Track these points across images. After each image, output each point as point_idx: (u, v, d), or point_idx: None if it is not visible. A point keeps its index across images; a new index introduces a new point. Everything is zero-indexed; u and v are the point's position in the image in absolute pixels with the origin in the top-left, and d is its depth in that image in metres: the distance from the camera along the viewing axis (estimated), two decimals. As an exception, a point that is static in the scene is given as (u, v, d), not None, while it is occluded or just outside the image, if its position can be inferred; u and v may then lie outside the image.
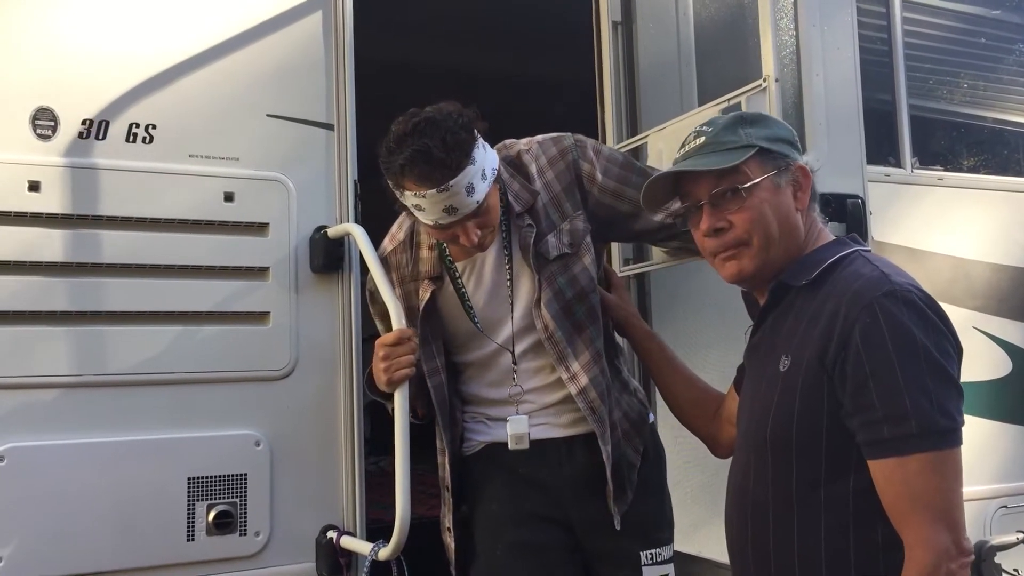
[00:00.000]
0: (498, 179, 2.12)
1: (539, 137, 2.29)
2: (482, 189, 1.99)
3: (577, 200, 2.19)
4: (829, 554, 1.62)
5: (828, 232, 1.85)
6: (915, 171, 3.58)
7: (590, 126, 3.51)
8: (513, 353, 2.19)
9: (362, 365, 2.66)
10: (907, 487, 1.53)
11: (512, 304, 2.18)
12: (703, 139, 1.83)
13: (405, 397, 2.17)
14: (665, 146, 2.92)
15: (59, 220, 2.39)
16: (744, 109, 2.63)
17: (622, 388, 2.30)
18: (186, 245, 2.52)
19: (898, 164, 3.55)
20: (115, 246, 2.44)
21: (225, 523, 2.45)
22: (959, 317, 3.36)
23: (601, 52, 3.48)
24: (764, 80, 2.60)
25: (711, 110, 2.76)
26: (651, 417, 2.36)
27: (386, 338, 2.16)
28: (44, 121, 2.40)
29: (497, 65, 5.04)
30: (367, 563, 2.30)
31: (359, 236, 2.50)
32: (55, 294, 2.37)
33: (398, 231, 2.31)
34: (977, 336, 3.56)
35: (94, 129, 2.45)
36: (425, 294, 2.20)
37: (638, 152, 3.39)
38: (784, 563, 1.67)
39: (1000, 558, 3.27)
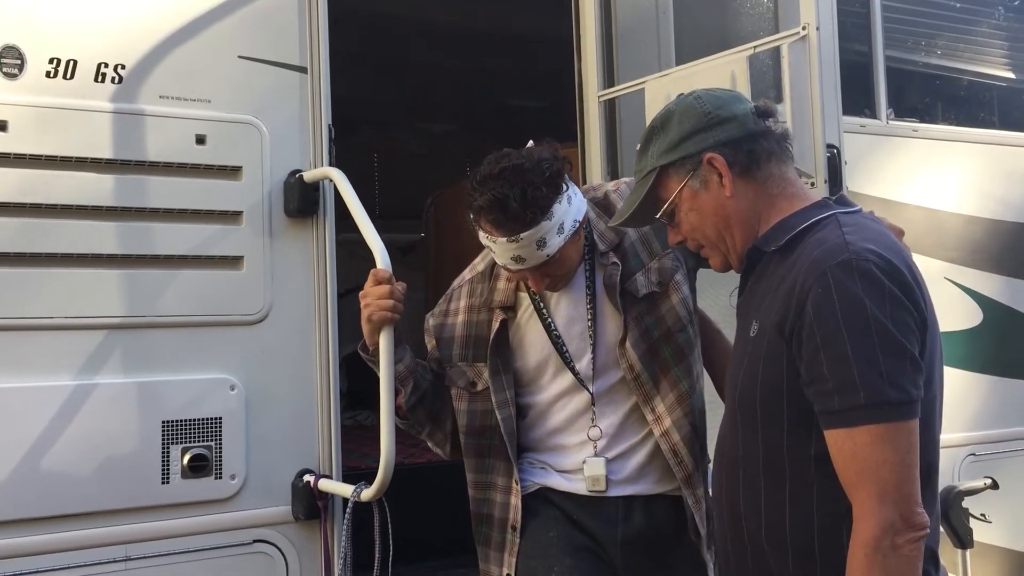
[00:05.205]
0: (584, 224, 2.09)
1: (626, 179, 2.28)
2: (555, 243, 1.98)
3: (667, 238, 2.11)
4: (793, 518, 1.63)
5: (808, 194, 1.80)
6: (890, 122, 3.60)
7: (567, 79, 3.49)
8: (592, 392, 2.12)
9: (337, 311, 2.66)
10: (855, 459, 1.51)
11: (594, 343, 2.11)
12: (635, 166, 1.87)
13: (390, 340, 2.12)
14: (675, 89, 2.84)
15: (27, 160, 2.34)
16: (785, 57, 2.59)
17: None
18: (157, 188, 2.48)
19: (874, 115, 3.56)
20: (84, 188, 2.40)
21: (200, 466, 2.44)
22: (932, 268, 3.40)
23: (580, 4, 3.45)
24: (804, 28, 2.57)
25: (735, 55, 2.73)
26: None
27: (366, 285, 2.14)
28: (10, 59, 2.35)
29: (473, 20, 4.99)
30: (349, 505, 2.29)
31: (339, 179, 2.48)
32: (22, 235, 2.33)
33: (480, 262, 2.28)
34: (949, 287, 3.60)
35: (62, 68, 2.40)
36: (496, 323, 2.16)
37: (616, 103, 3.38)
38: (752, 523, 1.69)
39: (968, 503, 3.33)
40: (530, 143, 2.07)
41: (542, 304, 2.14)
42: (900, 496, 1.50)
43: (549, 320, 2.13)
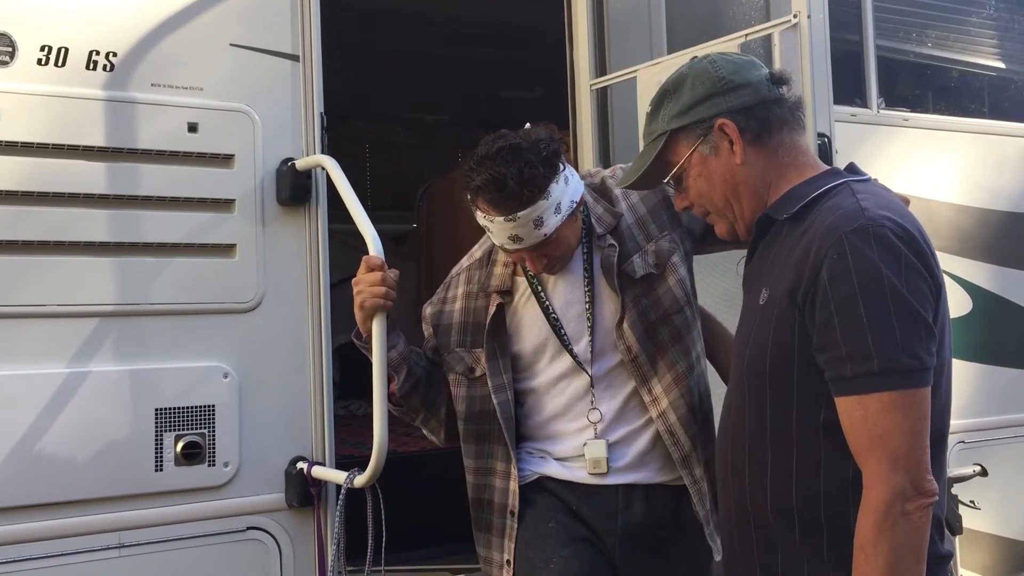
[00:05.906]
0: (581, 205, 2.09)
1: (621, 164, 2.29)
2: (552, 223, 1.99)
3: (664, 221, 2.15)
4: (800, 488, 1.63)
5: (818, 163, 1.78)
6: (881, 112, 3.61)
7: (559, 70, 3.49)
8: (591, 375, 2.12)
9: (330, 299, 2.67)
10: (867, 425, 1.51)
11: (593, 326, 2.12)
12: (645, 129, 1.85)
13: (382, 327, 2.12)
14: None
15: (18, 148, 2.34)
16: (776, 45, 2.60)
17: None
18: (149, 176, 2.48)
19: (864, 104, 3.58)
20: (76, 176, 2.40)
21: (193, 454, 2.44)
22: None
23: (572, -7, 3.45)
24: (795, 16, 2.58)
25: (726, 43, 2.74)
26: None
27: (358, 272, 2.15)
28: (1, 47, 2.34)
29: (466, 10, 4.99)
30: (343, 491, 2.30)
31: (331, 167, 2.48)
32: (15, 223, 2.33)
33: (477, 250, 2.29)
34: (939, 276, 3.61)
35: (53, 55, 2.39)
36: (492, 308, 2.16)
37: (608, 92, 3.39)
38: (758, 494, 1.68)
39: (957, 490, 3.36)
40: (527, 125, 2.07)
41: (539, 287, 2.15)
42: (911, 463, 1.49)
43: (547, 303, 2.14)
